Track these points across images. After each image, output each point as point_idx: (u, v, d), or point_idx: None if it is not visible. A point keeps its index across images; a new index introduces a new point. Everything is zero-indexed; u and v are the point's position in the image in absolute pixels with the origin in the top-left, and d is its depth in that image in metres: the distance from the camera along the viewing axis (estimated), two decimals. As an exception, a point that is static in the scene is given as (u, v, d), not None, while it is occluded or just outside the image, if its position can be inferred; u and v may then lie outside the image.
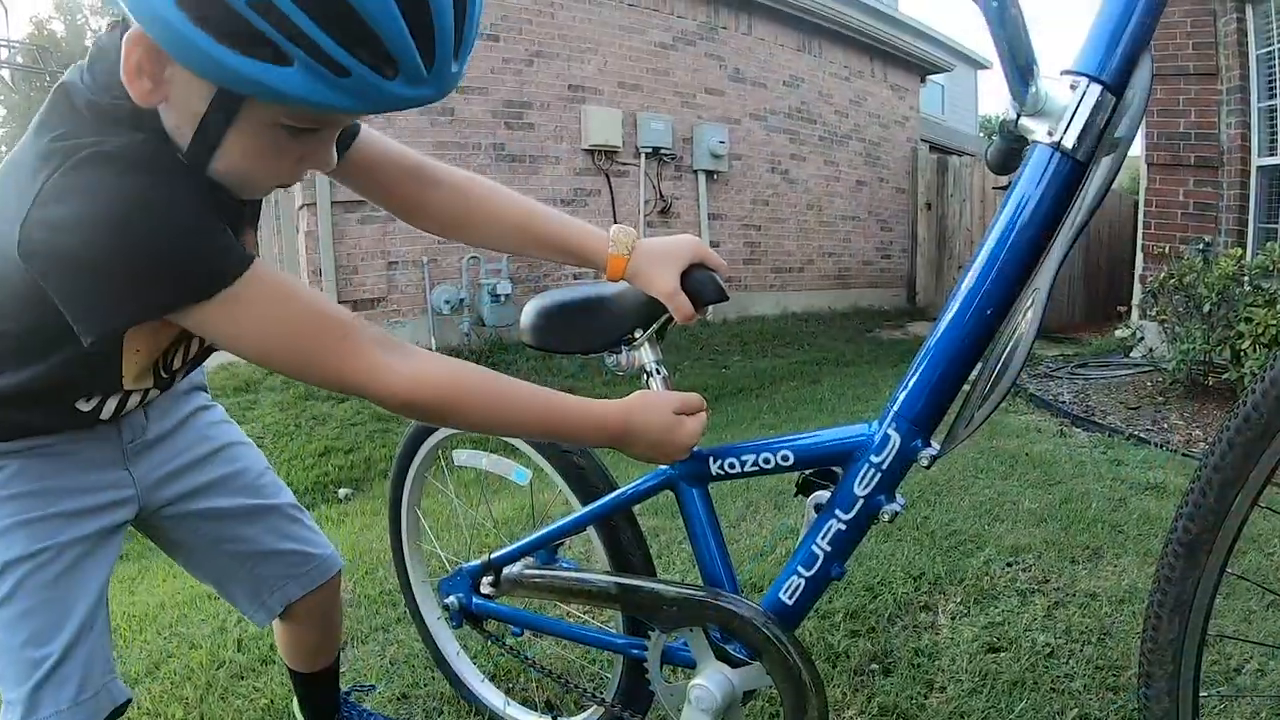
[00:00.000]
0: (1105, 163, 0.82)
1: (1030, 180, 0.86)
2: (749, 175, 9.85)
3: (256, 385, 6.58)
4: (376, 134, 1.13)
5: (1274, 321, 3.97)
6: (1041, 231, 0.86)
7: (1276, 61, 5.58)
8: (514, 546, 1.38)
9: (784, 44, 10.20)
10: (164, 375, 1.05)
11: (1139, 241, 6.50)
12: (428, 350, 0.97)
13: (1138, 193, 7.10)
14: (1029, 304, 0.84)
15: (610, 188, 8.38)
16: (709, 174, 9.30)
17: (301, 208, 7.00)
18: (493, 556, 1.40)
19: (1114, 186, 0.83)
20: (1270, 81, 5.63)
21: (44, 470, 1.03)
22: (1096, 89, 0.82)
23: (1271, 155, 5.69)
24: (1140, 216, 6.51)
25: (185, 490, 1.19)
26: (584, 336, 1.21)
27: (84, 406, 1.01)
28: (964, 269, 0.92)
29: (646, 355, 1.18)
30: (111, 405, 1.03)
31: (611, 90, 8.41)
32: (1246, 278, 4.41)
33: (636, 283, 1.13)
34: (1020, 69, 0.83)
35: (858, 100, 11.32)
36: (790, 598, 1.06)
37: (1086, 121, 0.82)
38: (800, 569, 1.05)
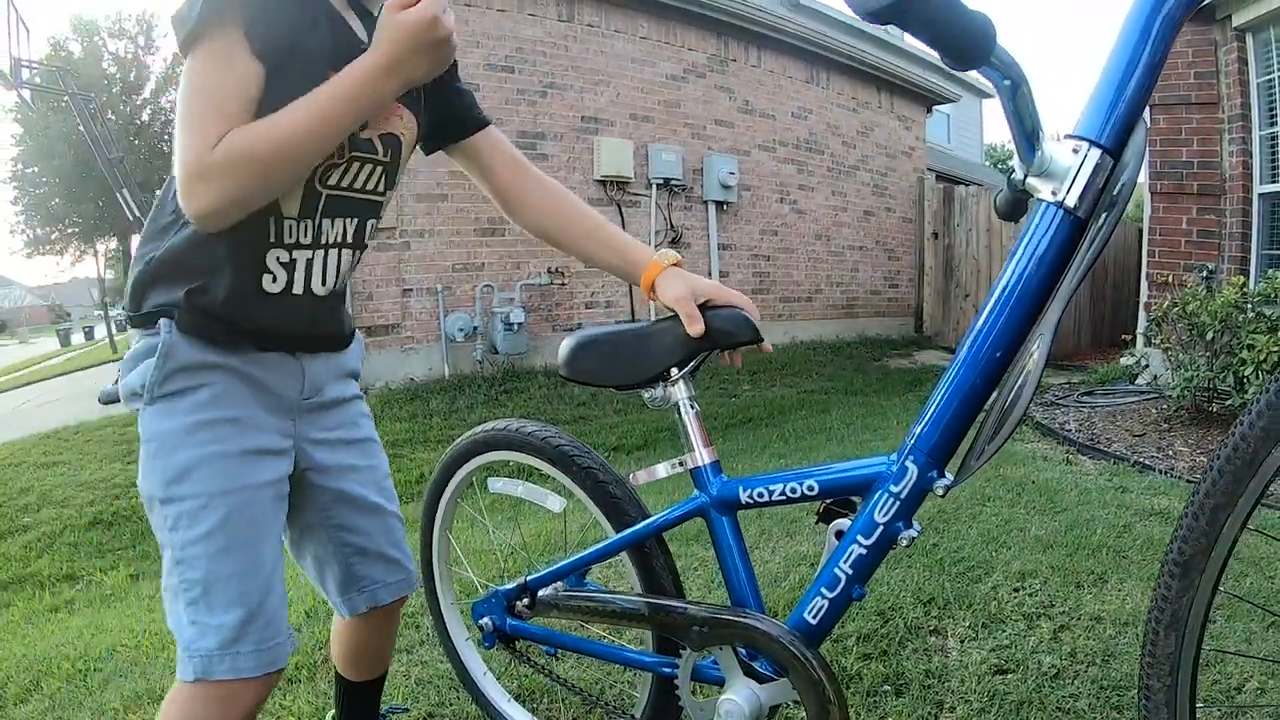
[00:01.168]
0: (1105, 218, 0.90)
1: (1036, 234, 0.95)
2: (758, 206, 9.98)
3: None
4: (500, 133, 1.33)
5: (1276, 348, 4.02)
6: (1047, 280, 0.94)
7: (1277, 89, 5.67)
8: (549, 570, 1.45)
9: (792, 76, 10.36)
10: (319, 189, 1.09)
11: (1143, 269, 6.56)
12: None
13: (1142, 221, 7.17)
14: (1035, 346, 0.93)
15: (622, 218, 8.49)
16: (719, 204, 9.43)
17: (318, 236, 7.09)
18: (529, 580, 1.46)
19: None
20: (1271, 109, 5.72)
21: (236, 399, 1.11)
22: (1096, 153, 0.90)
23: (1273, 182, 5.76)
24: (1144, 245, 6.59)
25: (330, 463, 1.27)
26: (624, 371, 1.29)
27: (270, 286, 1.10)
28: (976, 313, 1.00)
29: (681, 392, 1.26)
30: (282, 272, 1.11)
31: (623, 122, 8.55)
32: (1249, 305, 4.45)
33: (657, 292, 1.26)
34: (1028, 135, 0.92)
35: (865, 131, 11.47)
36: (814, 617, 1.13)
37: (1087, 183, 0.91)
38: (824, 590, 1.12)
